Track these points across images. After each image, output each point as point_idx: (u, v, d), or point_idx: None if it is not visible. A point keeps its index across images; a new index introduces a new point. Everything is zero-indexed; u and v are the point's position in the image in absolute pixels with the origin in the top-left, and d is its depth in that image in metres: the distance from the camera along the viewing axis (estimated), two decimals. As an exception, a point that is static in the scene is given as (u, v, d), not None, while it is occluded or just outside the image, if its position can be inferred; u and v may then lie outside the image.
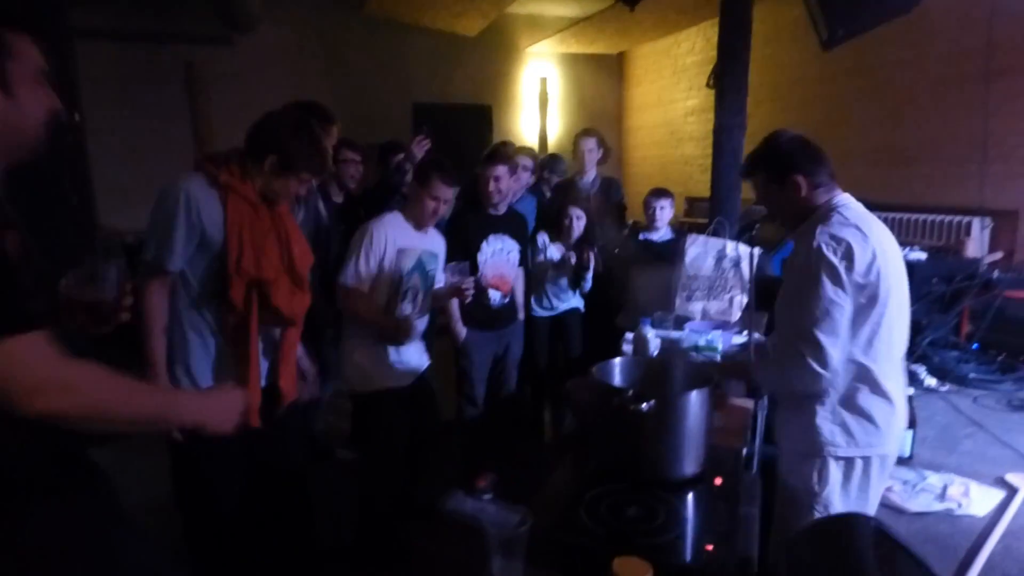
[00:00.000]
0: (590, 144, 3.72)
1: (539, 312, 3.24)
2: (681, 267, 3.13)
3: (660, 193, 3.40)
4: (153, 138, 6.29)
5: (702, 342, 2.48)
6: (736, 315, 3.07)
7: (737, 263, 3.11)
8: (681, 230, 3.50)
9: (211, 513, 1.80)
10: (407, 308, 2.32)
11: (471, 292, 2.40)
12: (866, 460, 1.58)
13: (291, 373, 1.90)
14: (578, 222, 3.13)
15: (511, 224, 2.91)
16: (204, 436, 1.62)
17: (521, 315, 3.07)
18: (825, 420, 1.57)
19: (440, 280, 2.44)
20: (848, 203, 1.61)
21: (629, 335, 2.56)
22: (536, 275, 3.17)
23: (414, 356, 2.41)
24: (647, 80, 8.87)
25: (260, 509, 1.91)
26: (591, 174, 3.77)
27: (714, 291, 3.16)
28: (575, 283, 3.16)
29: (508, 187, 2.80)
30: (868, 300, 1.50)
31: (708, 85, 4.89)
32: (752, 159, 1.71)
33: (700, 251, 3.14)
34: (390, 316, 2.27)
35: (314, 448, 3.12)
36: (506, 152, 2.91)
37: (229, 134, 2.41)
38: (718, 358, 2.39)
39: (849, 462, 1.58)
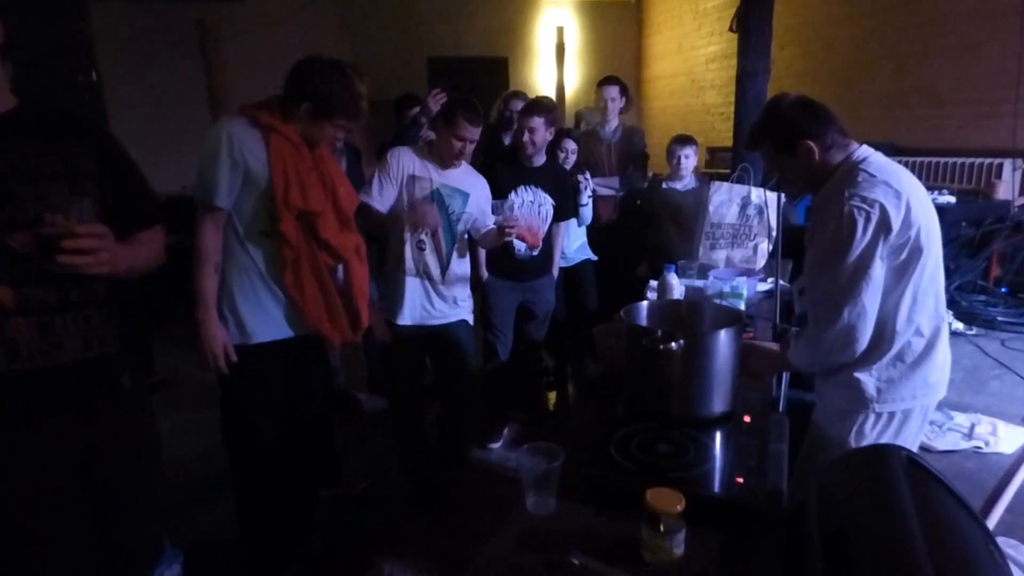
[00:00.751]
0: (613, 92, 3.65)
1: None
2: (705, 215, 3.11)
3: (685, 140, 3.34)
4: (168, 96, 6.33)
5: (727, 289, 2.48)
6: (760, 263, 3.06)
7: (761, 210, 3.08)
8: (704, 179, 3.44)
9: (254, 448, 1.91)
10: (415, 238, 2.33)
11: (513, 232, 2.40)
12: (907, 412, 1.55)
13: (362, 310, 1.98)
14: (572, 156, 3.17)
15: (545, 177, 2.86)
16: (248, 376, 1.77)
17: (555, 271, 3.07)
18: (869, 376, 1.53)
19: (466, 216, 2.42)
20: (869, 156, 1.52)
21: (654, 283, 2.57)
22: None
23: (444, 303, 2.42)
24: (667, 27, 8.62)
25: (295, 449, 2.01)
26: (613, 123, 3.72)
27: (738, 239, 3.14)
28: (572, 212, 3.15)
29: (543, 139, 2.77)
30: (909, 255, 1.45)
31: (731, 29, 4.77)
32: (756, 130, 1.62)
33: (724, 198, 3.11)
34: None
35: (337, 400, 3.21)
36: (545, 104, 2.87)
37: (243, 91, 2.43)
38: (742, 305, 2.40)
39: (891, 415, 1.55)
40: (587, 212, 3.19)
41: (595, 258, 3.40)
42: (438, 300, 2.41)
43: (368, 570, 2.09)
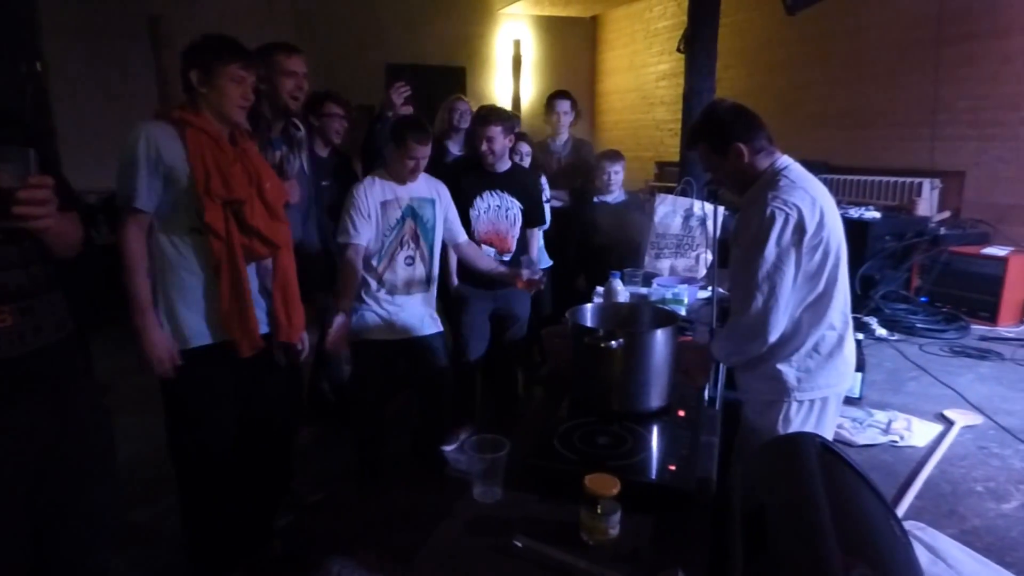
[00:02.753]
0: (564, 106, 3.77)
1: None
2: (651, 226, 3.26)
3: (614, 156, 3.50)
4: (118, 92, 6.16)
5: (669, 295, 2.62)
6: (702, 272, 3.22)
7: (703, 221, 3.24)
8: (633, 192, 3.62)
9: (200, 456, 1.87)
10: (403, 255, 2.42)
11: (543, 281, 2.50)
12: (824, 399, 1.69)
13: (297, 307, 1.97)
14: (527, 158, 3.27)
15: (513, 181, 2.92)
16: (193, 381, 1.75)
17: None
18: (790, 367, 1.66)
19: (439, 220, 2.51)
20: (790, 165, 1.66)
21: (600, 288, 2.68)
22: None
23: (413, 313, 2.47)
24: (619, 44, 8.89)
25: (248, 455, 1.98)
26: (564, 136, 3.83)
27: (682, 249, 3.30)
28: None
29: (503, 147, 2.83)
30: (822, 256, 1.58)
31: (679, 50, 4.98)
32: (693, 131, 1.75)
33: (669, 210, 3.27)
34: (349, 297, 2.34)
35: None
36: (500, 112, 2.96)
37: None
38: (683, 311, 2.53)
39: (811, 403, 1.68)
40: (547, 215, 3.28)
41: (551, 263, 3.52)
42: (421, 311, 2.48)
43: (316, 572, 2.10)
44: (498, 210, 2.89)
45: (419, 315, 2.49)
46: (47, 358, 1.26)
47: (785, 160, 1.67)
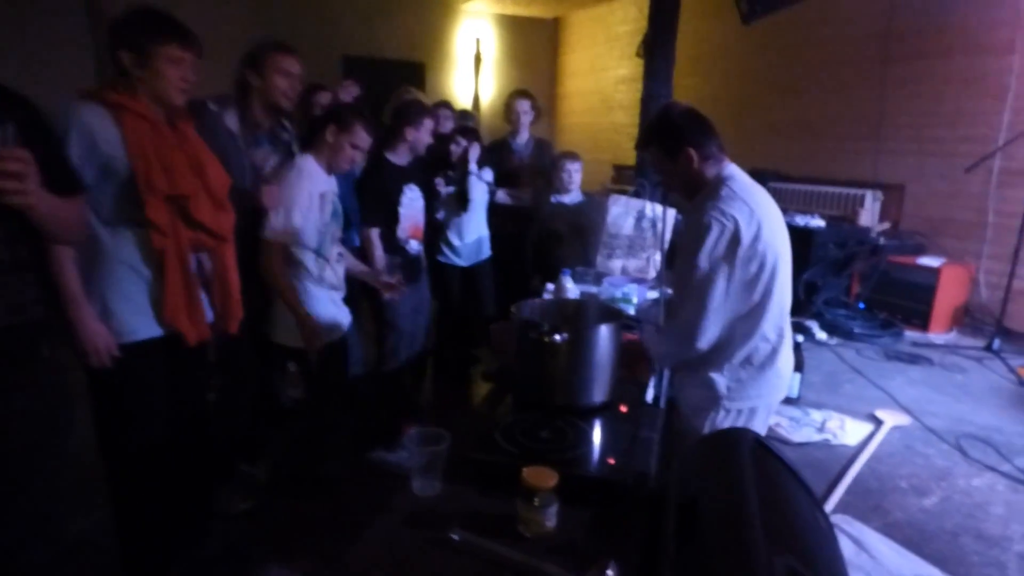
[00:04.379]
0: (525, 106, 3.78)
1: (452, 259, 3.40)
2: (603, 226, 3.29)
3: (573, 156, 3.55)
4: (50, 73, 5.86)
5: (618, 294, 2.65)
6: (653, 272, 3.27)
7: (655, 223, 3.30)
8: (590, 194, 3.68)
9: (133, 453, 1.81)
10: (335, 252, 2.36)
11: (401, 286, 2.53)
12: (753, 409, 1.71)
13: (236, 298, 1.90)
14: (470, 149, 3.30)
15: (416, 174, 3.01)
16: (126, 376, 1.69)
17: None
18: (722, 376, 1.68)
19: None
20: (735, 175, 1.66)
21: (550, 285, 2.70)
22: (440, 216, 3.39)
23: (341, 310, 2.45)
24: (581, 47, 8.97)
25: (182, 446, 1.93)
26: (524, 135, 3.84)
27: (633, 249, 3.34)
28: (461, 200, 3.31)
29: (428, 141, 2.91)
30: (758, 268, 1.58)
31: (638, 54, 5.07)
32: (646, 132, 1.75)
33: (622, 211, 3.31)
34: (295, 300, 2.23)
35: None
36: (428, 106, 3.00)
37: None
38: (632, 310, 2.57)
39: (739, 412, 1.70)
40: (475, 184, 3.33)
41: (489, 254, 3.54)
42: (341, 307, 2.44)
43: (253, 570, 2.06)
44: (414, 202, 2.96)
45: (346, 312, 2.46)
46: (12, 337, 1.23)
47: (732, 169, 1.68)
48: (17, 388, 1.30)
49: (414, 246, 2.96)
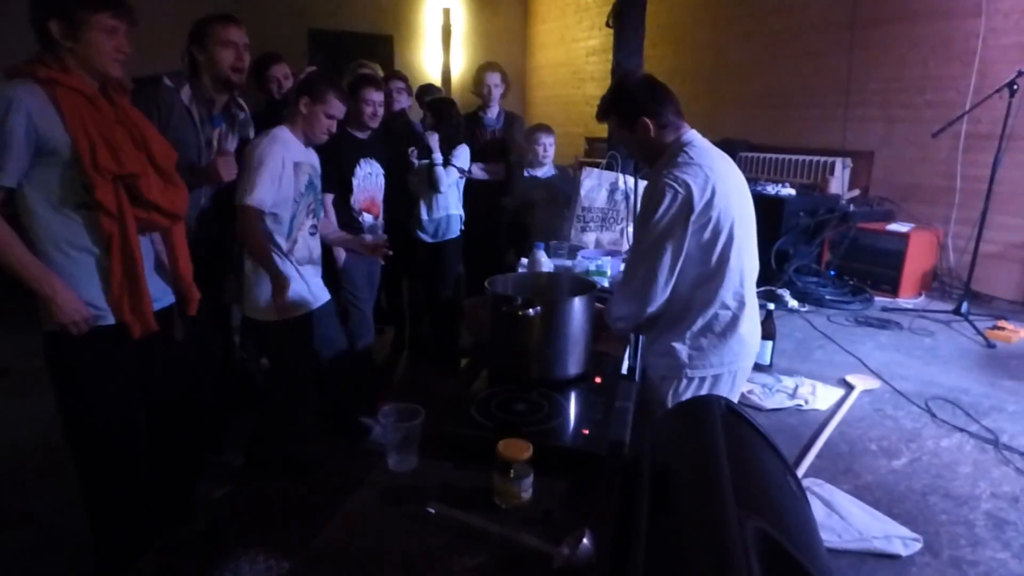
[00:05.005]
0: (495, 79, 3.72)
1: (422, 236, 3.39)
2: (576, 199, 3.28)
3: (547, 129, 3.52)
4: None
5: (592, 267, 2.65)
6: (626, 245, 3.27)
7: (628, 196, 3.30)
8: (563, 167, 3.66)
9: (100, 440, 1.77)
10: (308, 224, 2.34)
11: (388, 250, 2.50)
12: (717, 377, 1.69)
13: (189, 273, 1.87)
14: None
15: (377, 148, 2.98)
16: (91, 359, 1.64)
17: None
18: (683, 345, 1.67)
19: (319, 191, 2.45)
20: (693, 140, 1.64)
21: (525, 260, 2.69)
22: (412, 188, 3.37)
23: (318, 284, 2.44)
24: (551, 18, 8.85)
25: (155, 432, 1.92)
26: (495, 109, 3.79)
27: (607, 222, 3.34)
28: (431, 179, 3.28)
29: (381, 112, 2.86)
30: (712, 234, 1.57)
31: (608, 24, 5.00)
32: (603, 103, 1.74)
33: (594, 184, 3.29)
34: (273, 260, 2.21)
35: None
36: (378, 77, 2.94)
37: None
38: (607, 282, 2.57)
39: (702, 380, 1.69)
40: (442, 177, 3.29)
41: (457, 234, 3.54)
42: (312, 282, 2.41)
43: (235, 549, 2.06)
44: (371, 177, 2.92)
45: (319, 286, 2.45)
46: None
47: (691, 135, 1.67)
48: None
49: (368, 219, 2.94)
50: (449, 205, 3.43)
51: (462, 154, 3.36)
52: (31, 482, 2.39)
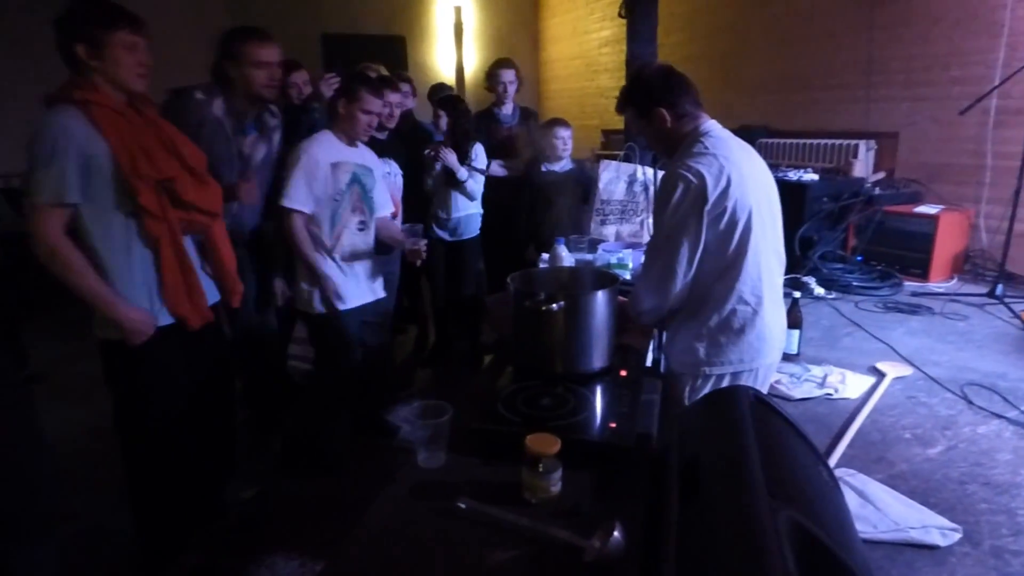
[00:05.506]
0: (509, 75, 3.71)
1: (441, 235, 3.38)
2: (595, 192, 3.27)
3: (564, 123, 3.50)
4: (28, 75, 5.75)
5: (614, 260, 2.64)
6: (647, 237, 3.25)
7: (647, 187, 3.27)
8: (580, 161, 3.64)
9: (155, 438, 1.85)
10: (355, 221, 2.39)
11: (425, 252, 2.50)
12: (737, 375, 1.65)
13: (233, 273, 1.98)
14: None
15: (395, 149, 3.00)
16: (148, 361, 1.74)
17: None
18: (699, 342, 1.64)
19: (377, 191, 2.50)
20: (711, 130, 1.62)
21: (545, 256, 2.68)
22: (428, 188, 3.37)
23: (365, 280, 2.48)
24: (561, 11, 8.80)
25: (200, 430, 1.98)
26: (510, 105, 3.79)
27: (626, 214, 3.32)
28: (451, 177, 3.28)
29: (397, 112, 2.91)
30: (728, 224, 1.55)
31: (620, 15, 4.96)
32: (621, 95, 1.73)
33: (613, 176, 3.28)
34: (317, 261, 2.31)
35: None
36: (392, 78, 2.97)
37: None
38: (628, 275, 2.56)
39: (720, 377, 1.66)
40: (473, 187, 3.31)
41: (476, 233, 3.54)
42: (374, 278, 2.49)
43: (265, 557, 2.10)
44: (389, 176, 2.93)
45: (370, 282, 2.49)
46: None
47: (709, 125, 1.64)
48: None
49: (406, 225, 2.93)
50: (468, 204, 3.43)
51: (479, 154, 3.36)
52: (72, 483, 2.46)
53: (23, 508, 1.50)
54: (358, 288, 2.43)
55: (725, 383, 1.68)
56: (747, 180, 1.57)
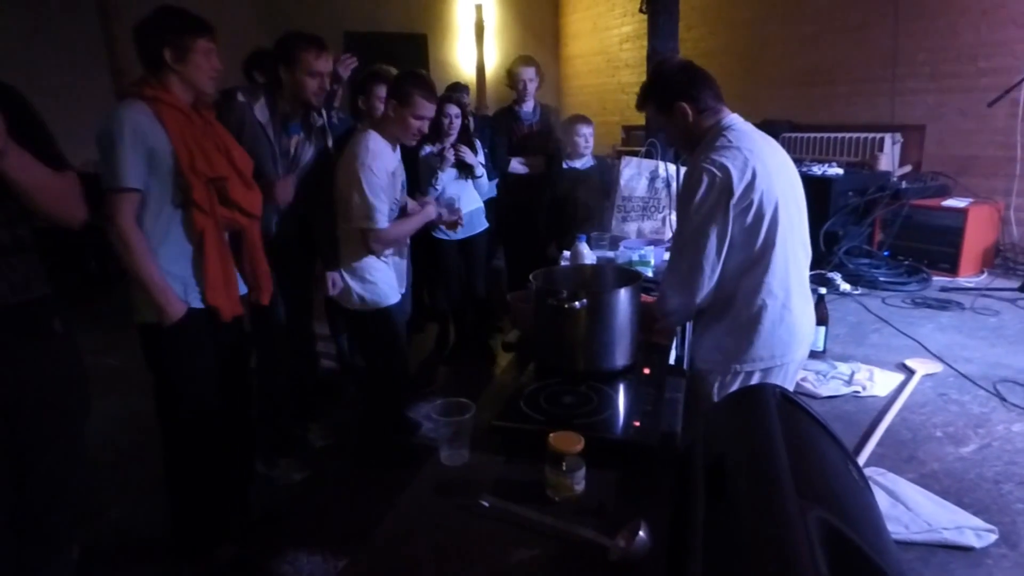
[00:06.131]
0: (530, 73, 3.70)
1: (447, 232, 3.33)
2: (616, 189, 3.24)
3: (586, 120, 3.47)
4: (65, 62, 5.90)
5: (635, 257, 2.62)
6: (669, 234, 3.22)
7: (669, 183, 3.24)
8: (601, 157, 3.61)
9: (187, 414, 1.92)
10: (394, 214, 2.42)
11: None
12: (766, 371, 1.64)
13: (265, 271, 2.07)
14: (456, 120, 3.20)
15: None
16: (176, 328, 1.82)
17: None
18: (727, 336, 1.63)
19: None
20: (734, 124, 1.61)
21: (567, 253, 2.67)
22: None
23: (403, 272, 2.54)
24: (582, 7, 8.76)
25: (227, 412, 2.03)
26: (531, 103, 3.78)
27: (648, 211, 3.29)
28: (468, 176, 3.29)
29: None
30: (755, 218, 1.53)
31: (641, 10, 4.92)
32: (642, 90, 1.72)
33: (634, 172, 3.25)
34: (407, 220, 2.42)
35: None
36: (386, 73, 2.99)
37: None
38: (650, 272, 2.54)
39: (749, 374, 1.65)
40: (482, 177, 3.31)
41: (485, 226, 3.52)
42: (400, 272, 2.53)
43: (289, 551, 2.12)
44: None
45: (402, 274, 2.54)
46: (21, 314, 1.38)
47: (731, 119, 1.62)
48: (32, 361, 1.44)
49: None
50: (474, 199, 3.42)
51: (468, 153, 3.30)
52: (102, 478, 2.51)
53: (51, 509, 1.55)
54: (398, 282, 2.49)
55: (755, 380, 1.66)
56: (772, 173, 1.55)
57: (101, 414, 2.84)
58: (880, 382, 2.87)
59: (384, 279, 2.40)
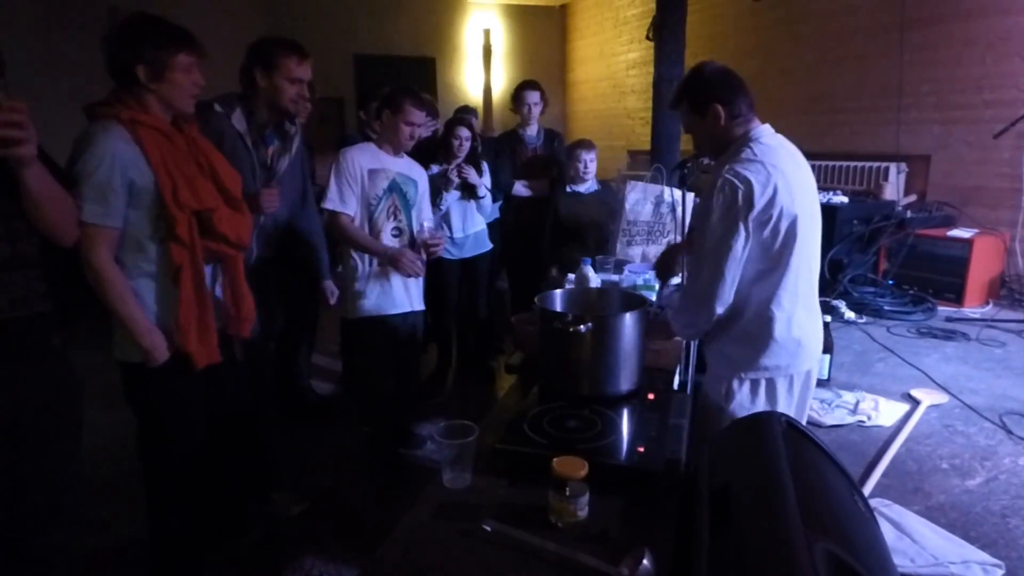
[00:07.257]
0: (534, 97, 3.74)
1: (451, 252, 3.34)
2: (621, 213, 3.26)
3: (588, 145, 3.50)
4: (78, 86, 5.97)
5: (640, 281, 2.62)
6: (674, 258, 3.23)
7: (674, 208, 3.25)
8: (606, 182, 3.63)
9: (170, 455, 1.82)
10: (389, 226, 2.43)
11: (440, 248, 2.53)
12: (772, 381, 1.65)
13: (247, 300, 1.89)
14: (466, 143, 3.22)
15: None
16: (165, 376, 1.70)
17: None
18: (735, 345, 1.65)
19: (419, 202, 2.55)
20: (762, 136, 1.62)
21: (571, 275, 2.68)
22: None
23: (400, 287, 2.50)
24: (589, 33, 8.88)
25: (217, 450, 1.95)
26: (535, 126, 3.81)
27: (653, 235, 3.30)
28: (468, 189, 3.30)
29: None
30: (772, 232, 1.54)
31: (648, 37, 4.99)
32: (677, 89, 1.74)
33: (639, 196, 3.27)
34: (376, 241, 2.40)
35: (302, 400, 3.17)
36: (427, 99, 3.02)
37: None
38: (655, 296, 2.54)
39: (755, 382, 1.65)
40: (485, 199, 3.33)
41: (490, 246, 3.53)
42: (408, 287, 2.51)
43: (290, 563, 2.10)
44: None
45: (404, 290, 2.51)
46: (20, 329, 1.34)
47: (760, 130, 1.64)
48: (30, 377, 1.40)
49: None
50: (478, 220, 3.44)
51: (486, 170, 3.36)
52: (99, 491, 2.49)
53: (44, 527, 1.49)
54: (392, 295, 2.46)
55: (762, 388, 1.66)
56: (794, 188, 1.56)
57: (103, 430, 2.83)
58: (885, 412, 2.84)
59: (371, 289, 2.43)
